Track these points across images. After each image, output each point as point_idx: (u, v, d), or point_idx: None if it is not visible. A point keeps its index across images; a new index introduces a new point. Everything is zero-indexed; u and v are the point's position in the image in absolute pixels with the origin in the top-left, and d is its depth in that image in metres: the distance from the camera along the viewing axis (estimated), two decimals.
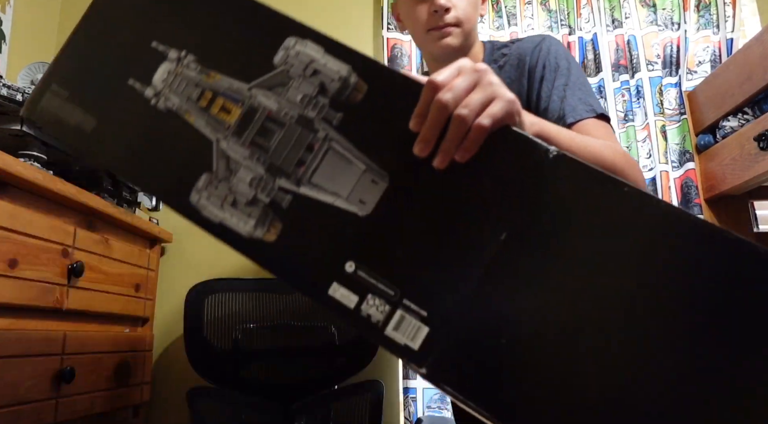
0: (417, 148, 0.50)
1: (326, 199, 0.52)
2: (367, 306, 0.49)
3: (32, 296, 1.01)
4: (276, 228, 0.52)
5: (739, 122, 1.48)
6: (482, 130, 0.49)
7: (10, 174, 0.95)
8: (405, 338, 0.48)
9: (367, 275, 0.50)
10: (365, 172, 0.51)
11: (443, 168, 0.49)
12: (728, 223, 1.60)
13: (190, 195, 0.55)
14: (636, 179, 0.77)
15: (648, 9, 1.83)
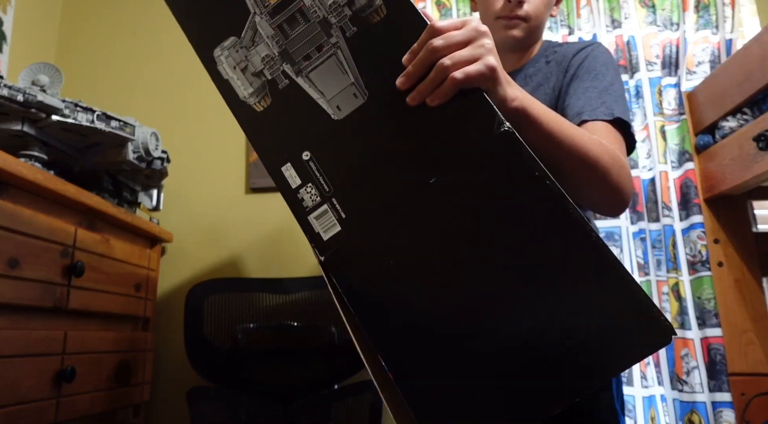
0: (399, 81, 0.56)
1: (313, 94, 0.60)
2: (304, 191, 0.59)
3: (32, 296, 1.01)
4: (266, 102, 0.61)
5: (739, 122, 1.48)
6: (454, 83, 0.54)
7: (11, 174, 0.95)
8: (320, 227, 0.58)
9: (315, 167, 0.59)
10: (351, 85, 0.59)
11: (413, 105, 0.56)
12: (728, 223, 1.61)
13: (215, 49, 0.63)
14: (618, 180, 0.74)
15: (647, 9, 1.84)
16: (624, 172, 0.76)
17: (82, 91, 1.87)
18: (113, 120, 1.19)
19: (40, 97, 1.06)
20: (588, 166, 0.70)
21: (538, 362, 0.51)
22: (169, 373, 1.63)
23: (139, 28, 1.97)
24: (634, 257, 1.62)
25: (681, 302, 1.56)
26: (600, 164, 0.71)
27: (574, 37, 1.82)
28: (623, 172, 0.76)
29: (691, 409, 1.49)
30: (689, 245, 1.60)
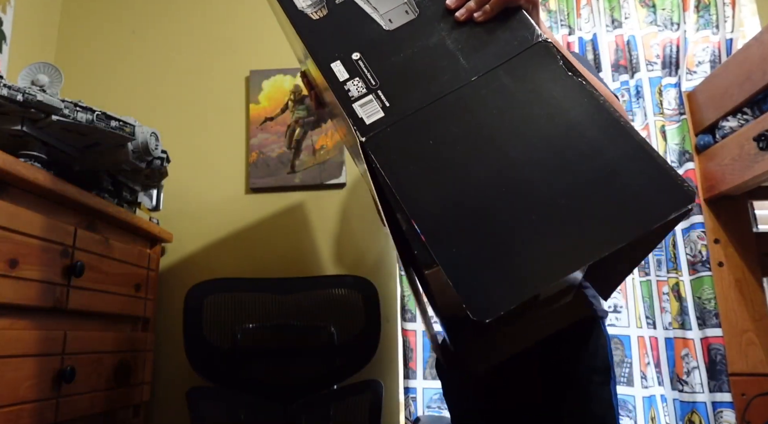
0: (450, 1, 0.65)
1: (367, 8, 0.67)
2: (351, 84, 0.65)
3: (32, 296, 1.01)
4: (322, 12, 0.68)
5: (739, 122, 1.48)
6: (500, 2, 0.63)
7: (10, 174, 0.95)
8: (364, 113, 0.63)
9: (363, 65, 0.65)
10: (404, 3, 0.67)
11: (461, 20, 0.64)
12: (728, 223, 1.61)
13: None
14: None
15: (647, 9, 1.84)
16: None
17: (82, 91, 1.87)
18: (113, 120, 1.19)
19: (40, 97, 1.05)
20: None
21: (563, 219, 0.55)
22: (169, 373, 1.63)
23: (138, 27, 1.97)
24: None
25: (681, 302, 1.56)
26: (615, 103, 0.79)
27: (574, 37, 1.82)
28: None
29: (692, 409, 1.49)
30: (689, 245, 1.60)
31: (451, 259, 0.56)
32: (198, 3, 1.97)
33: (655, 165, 0.55)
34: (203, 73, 1.90)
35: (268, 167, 1.77)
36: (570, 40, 1.81)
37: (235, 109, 1.85)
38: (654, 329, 1.58)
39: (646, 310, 1.59)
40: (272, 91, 1.84)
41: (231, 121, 1.84)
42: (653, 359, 1.55)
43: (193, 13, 1.96)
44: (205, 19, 1.94)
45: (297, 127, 1.80)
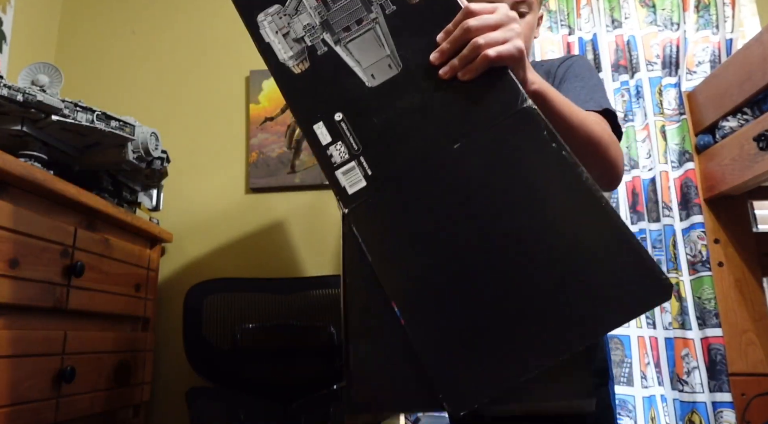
0: (434, 56, 0.62)
1: (349, 62, 0.65)
2: (334, 149, 0.63)
3: (32, 296, 1.01)
4: (304, 65, 0.67)
5: (739, 122, 1.48)
6: (486, 59, 0.60)
7: (10, 174, 0.95)
8: (346, 182, 0.62)
9: (346, 127, 0.64)
10: (387, 57, 0.64)
11: (445, 78, 0.61)
12: (728, 223, 1.61)
13: (259, 14, 0.69)
14: (615, 156, 0.83)
15: (647, 9, 1.84)
16: (618, 150, 0.85)
17: (82, 91, 1.87)
18: (113, 120, 1.19)
19: (40, 97, 1.05)
20: (593, 143, 0.78)
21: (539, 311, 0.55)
22: (169, 373, 1.63)
23: (138, 27, 1.97)
24: None
25: (681, 302, 1.56)
26: (602, 141, 0.79)
27: (574, 37, 1.82)
28: (618, 149, 0.85)
29: (692, 409, 1.49)
30: (689, 245, 1.60)
31: (427, 346, 0.56)
32: (198, 3, 1.97)
33: (635, 256, 0.53)
34: (203, 73, 1.90)
35: (268, 167, 1.77)
36: (570, 40, 1.81)
37: (235, 109, 1.85)
38: (654, 329, 1.58)
39: None
40: (272, 91, 1.84)
41: (231, 121, 1.84)
42: (653, 359, 1.55)
43: (194, 13, 1.96)
44: (205, 19, 1.94)
45: (297, 127, 1.80)
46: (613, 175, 0.84)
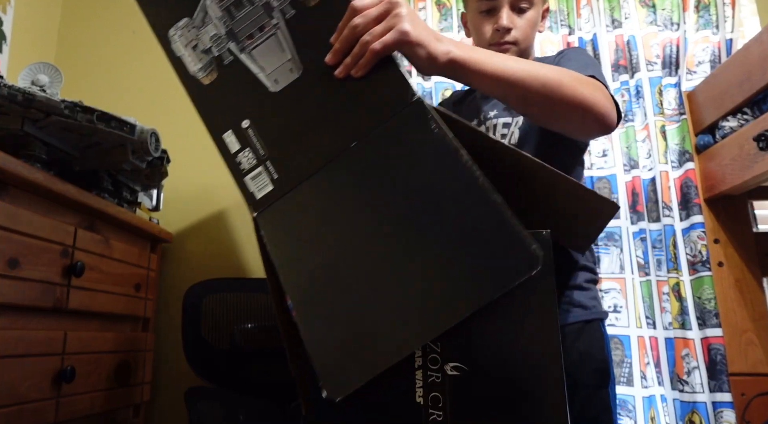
0: (328, 57, 0.63)
1: (254, 69, 0.66)
2: (242, 155, 0.65)
3: (32, 296, 1.01)
4: (213, 76, 0.68)
5: (739, 122, 1.48)
6: (373, 54, 0.61)
7: (10, 174, 0.95)
8: (254, 187, 0.64)
9: (253, 133, 0.65)
10: (288, 61, 0.65)
11: (340, 77, 0.62)
12: (728, 223, 1.61)
13: (170, 29, 0.70)
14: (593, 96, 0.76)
15: (647, 9, 1.84)
16: (586, 88, 0.76)
17: (82, 91, 1.87)
18: (113, 120, 1.19)
19: (40, 97, 1.05)
20: (551, 88, 0.73)
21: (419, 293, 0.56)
22: (169, 373, 1.63)
23: (138, 27, 1.96)
24: (635, 257, 1.62)
25: (681, 302, 1.56)
26: (564, 83, 0.74)
27: (574, 37, 1.82)
28: (591, 88, 0.77)
29: (692, 409, 1.49)
30: (689, 245, 1.60)
31: (312, 336, 0.57)
32: None
33: (506, 228, 0.54)
34: None
35: None
36: (570, 40, 1.81)
37: None
38: (654, 329, 1.58)
39: (646, 310, 1.59)
40: None
41: None
42: (653, 359, 1.55)
43: None
44: None
45: None
46: (591, 117, 0.76)
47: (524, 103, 0.77)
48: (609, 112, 0.78)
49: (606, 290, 1.62)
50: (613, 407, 0.94)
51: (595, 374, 0.93)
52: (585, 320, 0.94)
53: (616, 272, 1.62)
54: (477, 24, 1.07)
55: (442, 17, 1.88)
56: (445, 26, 1.86)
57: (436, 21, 1.87)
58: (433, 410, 0.57)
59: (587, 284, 0.98)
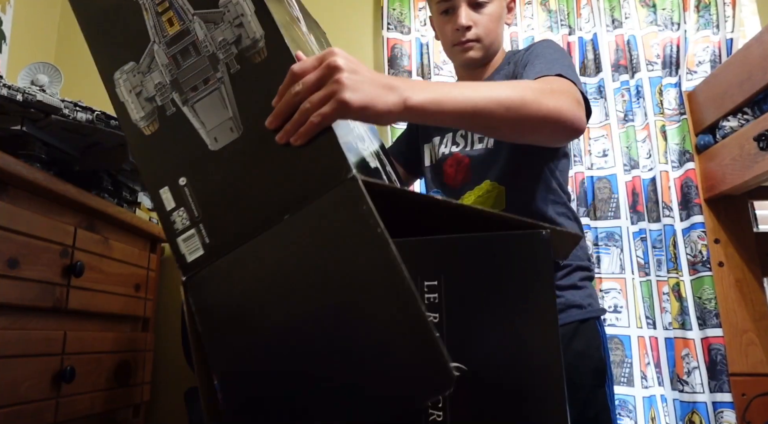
0: (268, 120, 0.60)
1: (195, 124, 0.63)
2: (177, 215, 0.62)
3: (32, 296, 1.01)
4: (154, 126, 0.64)
5: (739, 122, 1.48)
6: (312, 125, 0.58)
7: (10, 174, 0.95)
8: (186, 249, 0.61)
9: (189, 192, 0.62)
10: (229, 120, 0.62)
11: (281, 143, 0.59)
12: (728, 223, 1.61)
13: (116, 72, 0.67)
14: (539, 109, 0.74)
15: (648, 9, 1.84)
16: (557, 96, 0.76)
17: (82, 91, 1.86)
18: (113, 120, 1.19)
19: (40, 97, 1.05)
20: (515, 110, 0.72)
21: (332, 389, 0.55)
22: (169, 373, 1.63)
23: None
24: (635, 257, 1.62)
25: (681, 302, 1.56)
26: (527, 101, 0.72)
27: (574, 36, 1.82)
28: (555, 96, 0.76)
29: (692, 409, 1.49)
30: (690, 245, 1.60)
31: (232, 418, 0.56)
32: None
33: (426, 344, 0.51)
34: None
35: None
36: (570, 39, 1.81)
37: None
38: (654, 329, 1.58)
39: (646, 310, 1.59)
40: None
41: None
42: (653, 359, 1.55)
43: None
44: None
45: None
46: (553, 127, 0.77)
47: (491, 130, 0.78)
48: (577, 119, 0.78)
49: (606, 290, 1.61)
50: (611, 406, 0.94)
51: (592, 374, 0.92)
52: (580, 319, 0.94)
53: (617, 272, 1.62)
54: (439, 26, 1.06)
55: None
56: None
57: None
58: (433, 411, 0.57)
59: (582, 282, 0.97)
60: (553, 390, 0.55)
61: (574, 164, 1.68)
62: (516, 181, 0.98)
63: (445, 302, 0.59)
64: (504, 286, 0.58)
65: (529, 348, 0.56)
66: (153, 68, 0.65)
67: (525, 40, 1.82)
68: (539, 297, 0.57)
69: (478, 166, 1.01)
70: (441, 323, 0.58)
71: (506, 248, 0.59)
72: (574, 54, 1.80)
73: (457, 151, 1.04)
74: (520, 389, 0.56)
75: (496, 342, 0.57)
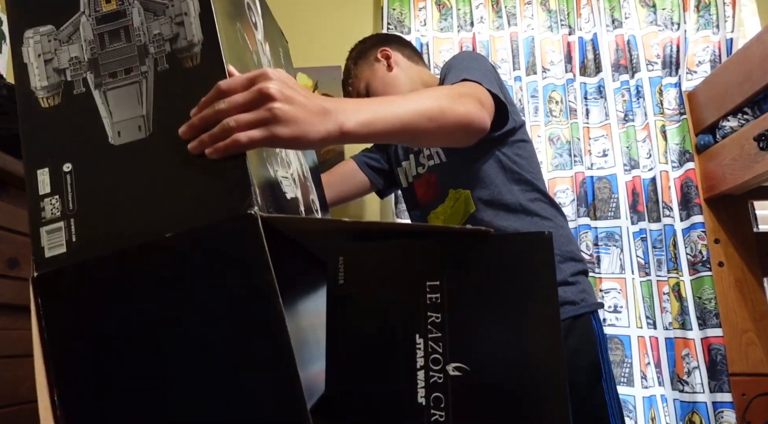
0: (182, 129, 0.55)
1: (102, 111, 0.57)
2: (48, 202, 0.55)
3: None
4: (54, 100, 0.59)
5: (739, 122, 1.48)
6: (237, 144, 0.53)
7: (10, 174, 0.95)
8: (47, 242, 0.54)
9: (70, 182, 0.56)
10: (140, 117, 0.57)
11: (194, 153, 0.54)
12: (728, 223, 1.61)
13: (29, 30, 0.60)
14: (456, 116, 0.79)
15: (648, 9, 1.84)
16: (465, 100, 0.81)
17: None
18: None
19: None
20: (435, 119, 0.75)
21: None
22: None
23: None
24: (635, 257, 1.62)
25: (682, 302, 1.56)
26: (444, 109, 0.77)
27: (574, 36, 1.82)
28: (464, 101, 0.81)
29: (692, 409, 1.49)
30: (690, 245, 1.60)
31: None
32: None
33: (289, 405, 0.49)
34: None
35: None
36: (570, 39, 1.81)
37: None
38: (654, 329, 1.58)
39: (646, 310, 1.59)
40: None
41: None
42: (653, 359, 1.55)
43: None
44: None
45: None
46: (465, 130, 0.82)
47: (415, 140, 0.85)
48: (481, 120, 0.83)
49: (606, 290, 1.62)
50: (609, 402, 0.93)
51: (587, 370, 0.92)
52: (574, 315, 0.93)
53: (617, 272, 1.62)
54: None
55: (442, 17, 1.88)
56: (445, 26, 1.86)
57: (436, 21, 1.87)
58: (435, 411, 0.56)
59: (573, 277, 0.97)
60: (555, 390, 0.55)
61: (574, 164, 1.68)
62: (477, 181, 1.01)
63: (447, 302, 0.58)
64: (506, 285, 0.58)
65: (531, 348, 0.56)
66: (74, 40, 0.59)
67: (525, 40, 1.82)
68: (541, 297, 0.57)
69: (442, 180, 1.06)
70: (443, 323, 0.58)
71: (508, 248, 0.58)
72: (574, 54, 1.80)
73: (423, 172, 1.11)
74: (522, 388, 0.56)
75: (498, 342, 0.57)
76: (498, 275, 0.58)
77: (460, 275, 0.59)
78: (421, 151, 1.11)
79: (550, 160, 1.71)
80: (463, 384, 0.52)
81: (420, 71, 1.20)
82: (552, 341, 0.55)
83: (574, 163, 1.68)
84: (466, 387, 0.55)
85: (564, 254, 0.97)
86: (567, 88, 1.76)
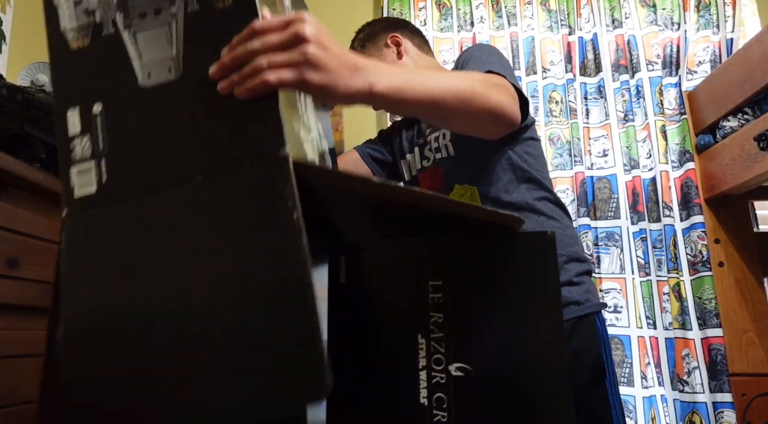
0: (212, 69, 0.54)
1: (131, 52, 0.57)
2: (79, 141, 0.55)
3: (32, 296, 1.00)
4: (83, 42, 0.58)
5: (739, 122, 1.48)
6: (265, 84, 0.53)
7: (11, 174, 0.95)
8: (77, 181, 0.53)
9: (101, 122, 0.55)
10: (170, 59, 0.56)
11: (223, 94, 0.54)
12: (728, 223, 1.61)
13: None
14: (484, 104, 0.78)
15: (648, 9, 1.84)
16: (492, 95, 0.80)
17: None
18: None
19: (40, 97, 1.05)
20: (467, 101, 0.75)
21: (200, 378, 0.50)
22: None
23: None
24: (635, 257, 1.62)
25: (682, 302, 1.56)
26: (474, 93, 0.76)
27: (574, 36, 1.82)
28: (497, 91, 0.81)
29: (692, 409, 1.49)
30: (690, 245, 1.60)
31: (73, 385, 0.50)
32: None
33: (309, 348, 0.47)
34: None
35: None
36: (570, 39, 1.81)
37: None
38: (654, 329, 1.58)
39: (646, 310, 1.59)
40: None
41: None
42: (653, 359, 1.55)
43: None
44: None
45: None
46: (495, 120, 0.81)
47: (441, 118, 0.81)
48: (515, 113, 0.83)
49: (606, 289, 1.62)
50: (612, 403, 0.93)
51: (591, 370, 0.92)
52: (578, 315, 0.93)
53: (617, 272, 1.62)
54: None
55: (442, 17, 1.87)
56: (444, 26, 1.86)
57: (436, 21, 1.87)
58: (438, 411, 0.56)
59: (578, 277, 0.97)
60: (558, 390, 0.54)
61: (574, 164, 1.68)
62: (485, 178, 1.00)
63: (450, 302, 0.58)
64: (509, 285, 0.57)
65: (534, 348, 0.56)
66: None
67: (525, 40, 1.82)
68: (544, 297, 0.57)
69: (448, 174, 1.04)
70: (446, 323, 0.58)
71: (511, 248, 0.58)
72: (574, 54, 1.80)
73: (429, 165, 1.08)
74: (526, 389, 0.56)
75: (501, 342, 0.57)
76: (501, 275, 0.58)
77: (462, 275, 0.58)
78: (428, 144, 1.09)
79: (550, 160, 1.71)
80: (466, 385, 0.52)
81: (429, 62, 1.17)
82: (555, 342, 0.55)
83: (574, 163, 1.68)
84: (468, 388, 0.54)
85: (569, 255, 0.97)
86: (567, 88, 1.76)
